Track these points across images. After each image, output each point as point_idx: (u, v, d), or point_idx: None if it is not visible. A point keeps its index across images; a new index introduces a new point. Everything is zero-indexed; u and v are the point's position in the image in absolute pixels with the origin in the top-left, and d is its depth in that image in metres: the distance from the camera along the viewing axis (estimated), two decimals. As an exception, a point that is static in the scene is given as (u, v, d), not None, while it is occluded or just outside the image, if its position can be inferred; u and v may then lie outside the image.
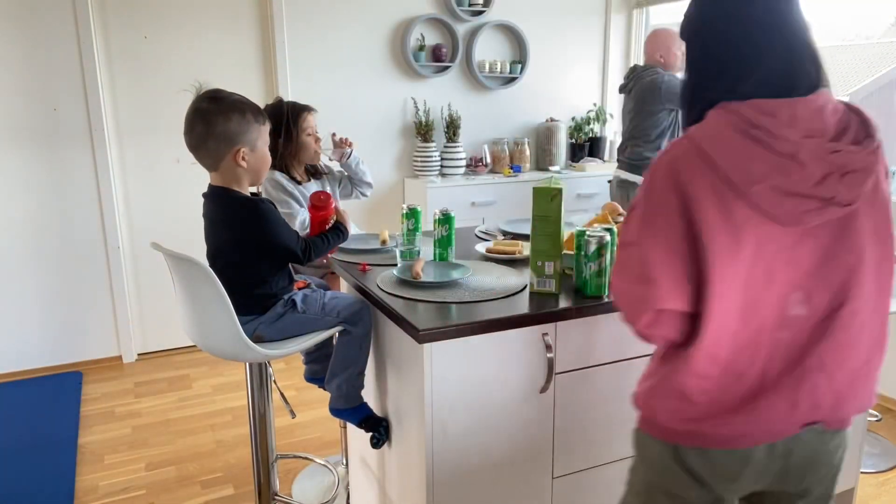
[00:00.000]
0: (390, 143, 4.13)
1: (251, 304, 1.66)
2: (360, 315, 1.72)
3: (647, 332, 1.11)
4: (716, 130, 1.06)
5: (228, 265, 1.67)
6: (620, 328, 1.60)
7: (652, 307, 1.07)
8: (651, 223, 1.07)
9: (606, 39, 4.65)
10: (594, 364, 1.60)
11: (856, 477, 2.17)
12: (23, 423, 2.94)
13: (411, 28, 3.97)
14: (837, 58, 5.84)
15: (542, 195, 1.52)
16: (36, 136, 3.34)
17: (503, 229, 2.30)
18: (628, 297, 1.11)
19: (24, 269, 3.42)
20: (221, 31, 3.62)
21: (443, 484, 1.50)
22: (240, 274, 1.66)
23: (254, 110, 1.64)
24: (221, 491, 2.45)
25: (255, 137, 1.63)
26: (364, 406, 1.80)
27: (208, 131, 1.59)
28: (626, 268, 1.10)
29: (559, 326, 1.52)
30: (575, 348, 1.56)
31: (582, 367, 1.59)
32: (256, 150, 1.64)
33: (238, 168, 1.63)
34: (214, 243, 1.71)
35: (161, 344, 3.81)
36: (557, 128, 4.46)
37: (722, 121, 1.06)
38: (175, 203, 3.69)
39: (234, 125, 1.59)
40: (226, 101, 1.61)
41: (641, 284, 1.07)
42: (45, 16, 3.26)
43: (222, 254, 1.69)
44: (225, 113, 1.59)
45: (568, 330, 1.53)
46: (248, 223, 1.62)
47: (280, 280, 1.71)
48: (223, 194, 1.66)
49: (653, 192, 1.08)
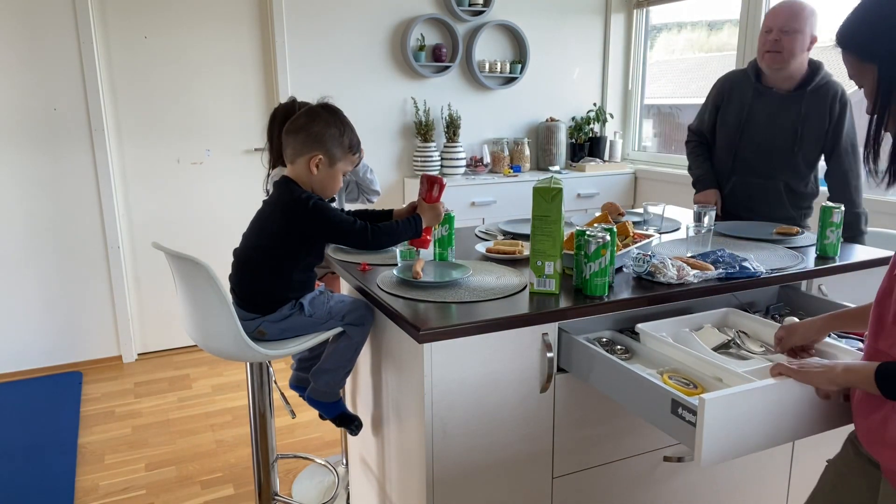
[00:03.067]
0: (390, 143, 4.13)
1: (262, 301, 1.67)
2: (363, 319, 1.73)
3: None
4: None
5: (261, 255, 1.68)
6: (765, 397, 1.30)
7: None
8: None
9: (606, 39, 4.65)
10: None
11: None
12: (23, 423, 2.94)
13: (411, 28, 3.97)
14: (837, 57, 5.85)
15: (542, 195, 1.52)
16: (36, 136, 3.34)
17: (503, 229, 2.30)
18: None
19: (23, 269, 3.42)
20: (221, 31, 3.62)
21: (443, 484, 1.49)
22: (267, 267, 1.67)
23: (352, 137, 1.73)
24: (221, 491, 2.45)
25: (339, 157, 1.70)
26: (340, 402, 1.85)
27: (307, 126, 1.68)
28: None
29: (559, 326, 1.52)
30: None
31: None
32: (333, 168, 1.71)
33: (308, 172, 1.68)
34: (257, 228, 1.72)
35: (161, 344, 3.81)
36: (557, 128, 4.46)
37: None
38: (175, 203, 3.69)
39: (328, 134, 1.68)
40: (336, 115, 1.72)
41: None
42: (45, 15, 3.26)
43: (260, 241, 1.70)
44: (328, 122, 1.69)
45: (701, 402, 1.43)
46: (302, 216, 1.64)
47: (301, 286, 1.72)
48: (287, 182, 1.69)
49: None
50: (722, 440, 1.15)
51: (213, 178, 3.73)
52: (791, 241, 2.12)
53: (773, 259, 1.88)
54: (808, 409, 1.20)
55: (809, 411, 1.20)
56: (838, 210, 1.92)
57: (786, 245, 2.07)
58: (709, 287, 1.64)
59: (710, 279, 1.67)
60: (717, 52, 4.26)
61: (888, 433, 1.04)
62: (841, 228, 1.94)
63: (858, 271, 1.93)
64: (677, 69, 4.63)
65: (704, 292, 1.65)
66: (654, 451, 1.75)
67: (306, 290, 1.73)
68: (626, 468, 1.72)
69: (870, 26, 1.02)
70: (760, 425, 1.17)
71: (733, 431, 1.15)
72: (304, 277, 1.72)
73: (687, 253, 1.90)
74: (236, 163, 3.77)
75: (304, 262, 1.70)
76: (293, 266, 1.68)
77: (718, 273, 1.69)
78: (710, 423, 1.12)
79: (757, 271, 1.72)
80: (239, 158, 3.76)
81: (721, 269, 1.71)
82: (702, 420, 1.12)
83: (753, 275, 1.70)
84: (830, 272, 1.87)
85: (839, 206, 1.93)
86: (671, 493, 1.81)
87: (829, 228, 1.93)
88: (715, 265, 1.74)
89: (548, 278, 1.56)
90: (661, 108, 4.72)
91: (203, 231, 3.75)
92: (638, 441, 1.72)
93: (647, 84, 4.75)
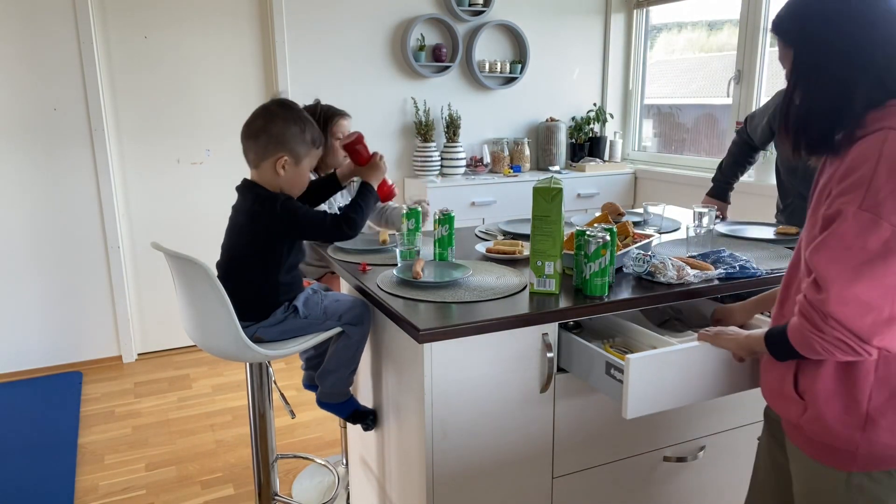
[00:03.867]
0: (390, 143, 4.13)
1: (254, 309, 1.66)
2: (361, 318, 1.72)
3: (883, 346, 1.04)
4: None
5: (242, 264, 1.66)
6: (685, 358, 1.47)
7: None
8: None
9: (606, 39, 4.65)
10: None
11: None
12: (23, 423, 2.94)
13: (411, 28, 3.97)
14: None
15: (542, 195, 1.52)
16: (36, 136, 3.34)
17: (503, 229, 2.30)
18: (877, 313, 1.02)
19: (24, 269, 3.42)
20: (221, 32, 3.62)
21: (443, 484, 1.49)
22: (250, 275, 1.65)
23: (313, 132, 1.70)
24: (221, 491, 2.45)
25: (303, 154, 1.68)
26: (351, 400, 1.83)
27: (265, 128, 1.66)
28: (882, 281, 1.01)
29: (559, 326, 1.52)
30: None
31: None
32: (299, 165, 1.68)
33: (275, 174, 1.66)
34: (233, 237, 1.70)
35: (161, 344, 3.81)
36: (557, 128, 4.47)
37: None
38: (175, 203, 3.69)
39: (290, 133, 1.65)
40: (292, 111, 1.68)
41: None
42: (45, 16, 3.26)
43: (238, 250, 1.68)
44: (286, 119, 1.66)
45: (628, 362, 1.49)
46: (273, 219, 1.63)
47: (289, 288, 1.70)
48: (252, 186, 1.69)
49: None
50: (645, 395, 1.31)
51: (213, 178, 3.73)
52: (791, 241, 2.12)
53: (774, 259, 1.88)
54: (722, 371, 1.37)
55: (724, 373, 1.37)
56: None
57: (786, 245, 2.07)
58: (709, 287, 1.64)
59: (710, 279, 1.67)
60: (717, 52, 4.26)
61: (785, 388, 1.21)
62: None
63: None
64: (677, 69, 4.63)
65: (704, 292, 1.65)
66: (654, 451, 1.75)
67: (295, 290, 1.72)
68: (626, 468, 1.72)
69: (792, 16, 1.16)
70: (679, 383, 1.34)
71: (655, 388, 1.32)
72: (290, 279, 1.71)
73: (687, 253, 1.90)
74: (236, 163, 3.74)
75: (285, 263, 1.68)
76: (276, 269, 1.66)
77: (718, 273, 1.69)
78: (634, 380, 1.29)
79: (757, 271, 1.72)
80: (239, 158, 3.74)
81: (721, 269, 1.71)
82: (627, 377, 1.29)
83: (753, 275, 1.70)
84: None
85: None
86: (671, 493, 1.81)
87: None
88: (715, 265, 1.74)
89: (548, 278, 1.56)
90: (661, 108, 4.72)
91: (203, 231, 3.75)
92: (638, 441, 1.72)
93: (647, 84, 4.75)
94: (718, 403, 1.79)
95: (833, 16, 1.10)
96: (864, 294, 1.02)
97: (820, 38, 1.11)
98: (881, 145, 1.04)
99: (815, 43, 1.12)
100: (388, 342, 1.67)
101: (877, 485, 1.14)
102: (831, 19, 1.10)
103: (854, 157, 1.07)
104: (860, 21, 1.08)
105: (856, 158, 1.07)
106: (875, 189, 1.02)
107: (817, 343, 1.07)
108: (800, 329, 1.09)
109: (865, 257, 1.02)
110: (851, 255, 1.03)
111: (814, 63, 1.12)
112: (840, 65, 1.10)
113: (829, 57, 1.10)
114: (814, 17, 1.12)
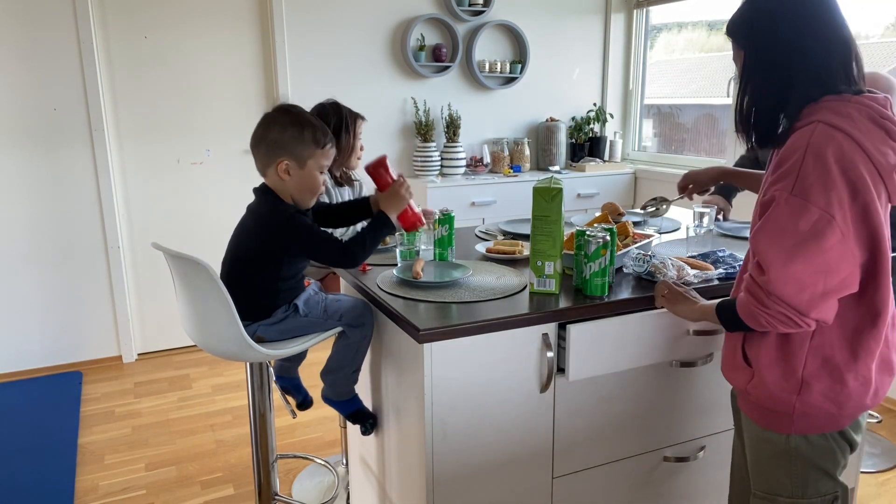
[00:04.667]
0: (390, 143, 4.13)
1: (255, 309, 1.66)
2: (362, 318, 1.72)
3: (819, 318, 1.16)
4: (857, 120, 1.15)
5: (246, 265, 1.66)
6: (620, 327, 1.60)
7: (837, 296, 1.15)
8: (842, 213, 1.12)
9: (606, 39, 4.65)
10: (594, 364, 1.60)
11: (856, 477, 2.17)
12: (23, 423, 2.94)
13: (411, 28, 3.97)
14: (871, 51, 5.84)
15: (542, 195, 1.52)
16: (36, 136, 3.34)
17: (503, 229, 2.30)
18: (813, 288, 1.13)
19: (24, 269, 3.42)
20: (221, 32, 3.62)
21: (443, 484, 1.50)
22: (255, 278, 1.65)
23: (315, 131, 1.62)
24: (221, 491, 2.45)
25: (306, 156, 1.62)
26: (355, 399, 1.82)
27: (264, 135, 1.63)
28: (815, 259, 1.12)
29: (559, 326, 1.52)
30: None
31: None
32: (304, 168, 1.63)
33: (280, 180, 1.63)
34: (241, 237, 1.69)
35: (161, 344, 3.81)
36: (557, 128, 4.46)
37: (854, 112, 1.16)
38: (175, 203, 3.69)
39: (287, 137, 1.60)
40: (290, 115, 1.63)
41: (832, 277, 1.13)
42: (45, 16, 3.26)
43: (244, 251, 1.67)
44: (283, 124, 1.61)
45: (567, 330, 1.53)
46: (278, 231, 1.60)
47: (291, 290, 1.70)
48: (267, 191, 1.66)
49: (831, 180, 1.12)
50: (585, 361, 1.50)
51: (213, 178, 3.73)
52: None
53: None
54: (658, 339, 1.57)
55: (660, 341, 1.58)
56: None
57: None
58: (709, 287, 1.64)
59: (710, 279, 1.67)
60: (717, 52, 4.26)
61: (736, 358, 1.34)
62: None
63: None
64: (677, 69, 4.63)
65: (704, 292, 1.65)
66: (654, 451, 1.75)
67: (297, 291, 1.72)
68: (626, 468, 1.72)
69: (745, 20, 1.28)
70: (618, 349, 1.53)
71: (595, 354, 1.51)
72: (292, 284, 1.70)
73: (687, 253, 1.90)
74: (236, 163, 3.77)
75: (288, 271, 1.67)
76: (278, 274, 1.66)
77: (718, 273, 1.70)
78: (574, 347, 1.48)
79: (757, 271, 1.72)
80: (239, 158, 3.76)
81: (721, 269, 1.71)
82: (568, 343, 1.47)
83: (753, 275, 1.70)
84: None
85: None
86: (671, 493, 1.81)
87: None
88: (715, 265, 1.74)
89: (548, 278, 1.56)
90: (661, 108, 4.72)
91: (203, 231, 3.75)
92: (638, 441, 1.72)
93: (647, 84, 4.75)
94: (718, 404, 1.79)
95: (778, 20, 1.21)
96: (801, 272, 1.13)
97: (767, 40, 1.23)
98: (809, 136, 1.15)
99: (762, 45, 1.24)
100: (388, 342, 1.67)
101: (812, 447, 1.27)
102: (776, 23, 1.22)
103: (786, 147, 1.19)
104: (802, 25, 1.20)
105: (787, 149, 1.18)
106: (803, 176, 1.13)
107: (762, 317, 1.19)
108: (746, 305, 1.21)
109: (798, 239, 1.12)
110: (786, 237, 1.13)
111: (761, 63, 1.24)
112: (783, 65, 1.22)
113: (774, 58, 1.23)
114: (762, 21, 1.24)
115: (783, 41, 1.21)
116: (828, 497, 1.30)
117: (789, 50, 1.21)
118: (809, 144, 1.14)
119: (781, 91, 1.22)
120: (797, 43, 1.20)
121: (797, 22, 1.21)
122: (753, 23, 1.26)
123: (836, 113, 1.16)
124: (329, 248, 1.61)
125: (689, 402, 1.76)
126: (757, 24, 1.25)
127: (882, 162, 1.15)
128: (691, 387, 1.74)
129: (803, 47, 1.20)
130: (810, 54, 1.20)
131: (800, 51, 1.20)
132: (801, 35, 1.20)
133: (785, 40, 1.21)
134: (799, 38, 1.20)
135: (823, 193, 1.11)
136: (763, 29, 1.23)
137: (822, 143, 1.14)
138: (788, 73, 1.21)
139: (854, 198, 1.13)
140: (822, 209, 1.11)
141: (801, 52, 1.20)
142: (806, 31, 1.20)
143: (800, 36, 1.20)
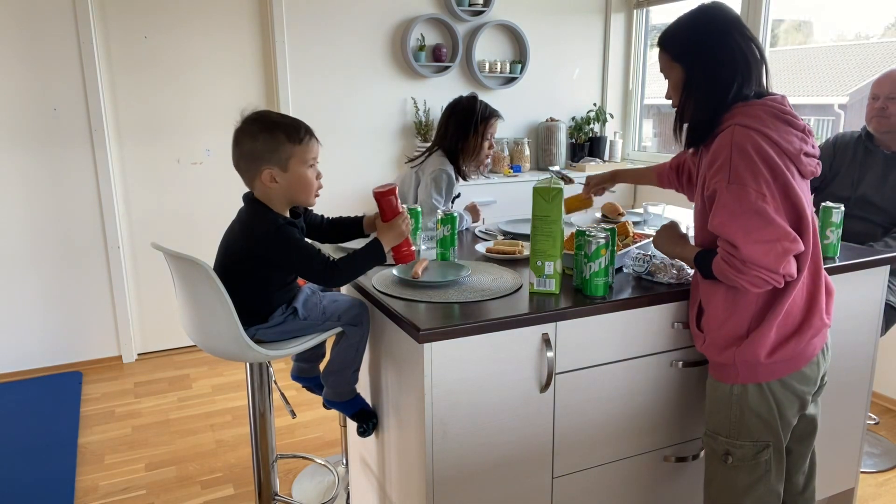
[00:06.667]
0: (390, 143, 4.13)
1: (251, 314, 1.65)
2: (360, 318, 1.72)
3: (786, 272, 1.39)
4: (764, 119, 1.43)
5: (236, 272, 1.63)
6: (620, 327, 1.60)
7: (793, 252, 1.39)
8: (771, 191, 1.38)
9: (606, 39, 4.65)
10: (594, 364, 1.60)
11: (856, 477, 2.17)
12: (23, 423, 2.94)
13: (411, 28, 3.97)
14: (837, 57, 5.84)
15: (542, 195, 1.52)
16: (36, 136, 3.34)
17: (503, 229, 2.30)
18: (774, 249, 1.37)
19: (24, 269, 3.42)
20: (222, 31, 3.62)
21: (443, 484, 1.50)
22: (245, 284, 1.63)
23: (288, 129, 1.56)
24: (221, 491, 2.45)
25: (286, 157, 1.56)
26: (357, 399, 1.82)
27: (239, 151, 1.59)
28: (767, 228, 1.37)
29: (559, 326, 1.52)
30: (575, 348, 1.56)
31: (582, 367, 1.59)
32: (289, 170, 1.57)
33: (268, 189, 1.58)
34: (230, 243, 1.66)
35: (161, 344, 3.81)
36: (557, 128, 4.46)
37: (762, 112, 1.43)
38: (175, 203, 3.69)
39: (260, 145, 1.55)
40: (259, 122, 1.58)
41: (784, 239, 1.37)
42: (45, 16, 3.26)
43: (232, 259, 1.65)
44: (252, 133, 1.56)
45: (568, 330, 1.54)
46: (266, 236, 1.57)
47: (284, 294, 1.69)
48: (254, 201, 1.62)
49: (756, 168, 1.38)
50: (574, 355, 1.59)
51: (213, 178, 3.73)
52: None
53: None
54: (638, 336, 1.62)
55: (640, 337, 1.62)
56: (838, 210, 1.92)
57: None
58: (709, 287, 1.64)
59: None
60: (717, 52, 4.26)
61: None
62: (840, 228, 1.94)
63: (858, 271, 1.93)
64: (677, 69, 4.63)
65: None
66: (654, 451, 1.75)
67: (292, 293, 1.70)
68: (626, 468, 1.72)
69: (683, 37, 1.50)
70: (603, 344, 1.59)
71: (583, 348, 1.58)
72: (286, 290, 1.68)
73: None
74: (236, 163, 3.76)
75: (277, 280, 1.65)
76: (267, 284, 1.64)
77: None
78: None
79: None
80: (239, 158, 3.75)
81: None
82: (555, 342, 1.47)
83: (753, 275, 1.71)
84: (830, 272, 1.87)
85: (839, 206, 1.93)
86: (671, 493, 1.81)
87: (829, 228, 1.93)
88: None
89: (548, 278, 1.56)
90: (661, 108, 4.72)
91: (203, 231, 3.75)
92: (638, 441, 1.72)
93: (647, 84, 4.75)
94: (718, 403, 1.79)
95: (715, 38, 1.46)
96: (761, 237, 1.37)
97: (706, 57, 1.47)
98: (731, 137, 1.42)
99: (702, 61, 1.48)
100: (388, 342, 1.67)
101: (750, 396, 1.51)
102: (713, 41, 1.46)
103: (715, 148, 1.45)
104: (730, 42, 1.45)
105: (716, 150, 1.45)
106: (735, 168, 1.40)
107: (740, 281, 1.41)
108: (724, 273, 1.43)
109: (748, 215, 1.37)
110: (738, 217, 1.38)
111: (704, 78, 1.48)
112: (721, 78, 1.46)
113: (713, 72, 1.47)
114: (701, 39, 1.48)
115: (718, 58, 1.45)
116: (760, 444, 1.52)
117: (722, 65, 1.45)
118: (733, 143, 1.41)
119: (719, 101, 1.47)
120: (729, 58, 1.45)
121: (726, 39, 1.45)
122: (694, 40, 1.48)
123: (747, 115, 1.43)
124: (316, 264, 1.56)
125: (689, 402, 1.76)
126: (697, 42, 1.47)
127: (789, 148, 1.42)
128: (691, 387, 1.74)
129: (734, 61, 1.45)
130: (738, 68, 1.45)
131: (731, 65, 1.45)
132: (731, 50, 1.45)
133: (720, 58, 1.45)
134: (730, 54, 1.45)
135: (753, 178, 1.38)
136: (703, 47, 1.46)
137: (742, 141, 1.40)
138: (724, 86, 1.46)
139: (775, 179, 1.39)
140: (755, 190, 1.37)
141: (732, 66, 1.45)
142: (734, 47, 1.45)
143: (731, 51, 1.45)
